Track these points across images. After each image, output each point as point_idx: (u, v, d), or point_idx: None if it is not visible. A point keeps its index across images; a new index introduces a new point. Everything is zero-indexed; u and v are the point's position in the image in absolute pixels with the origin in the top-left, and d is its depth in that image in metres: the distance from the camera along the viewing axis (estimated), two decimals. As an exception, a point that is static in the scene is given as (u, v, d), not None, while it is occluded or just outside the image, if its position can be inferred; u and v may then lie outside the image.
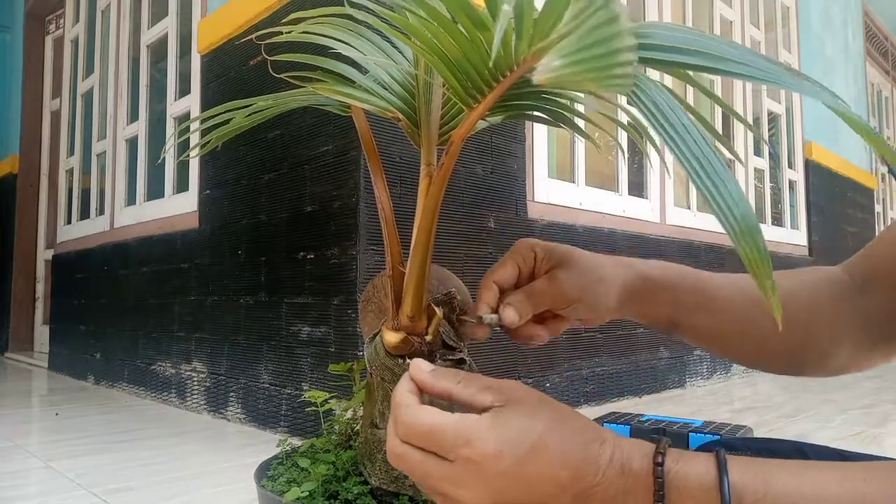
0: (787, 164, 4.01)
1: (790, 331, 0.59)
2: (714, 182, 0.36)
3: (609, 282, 0.61)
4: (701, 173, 0.36)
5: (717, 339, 0.64)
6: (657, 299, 0.62)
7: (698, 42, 0.39)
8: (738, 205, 0.35)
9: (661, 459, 0.37)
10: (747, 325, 0.62)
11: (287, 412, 1.84)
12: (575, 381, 2.28)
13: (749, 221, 0.34)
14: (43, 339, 4.10)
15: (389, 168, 1.74)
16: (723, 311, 0.63)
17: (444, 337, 0.58)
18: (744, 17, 3.68)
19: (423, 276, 0.57)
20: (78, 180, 3.56)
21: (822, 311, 0.62)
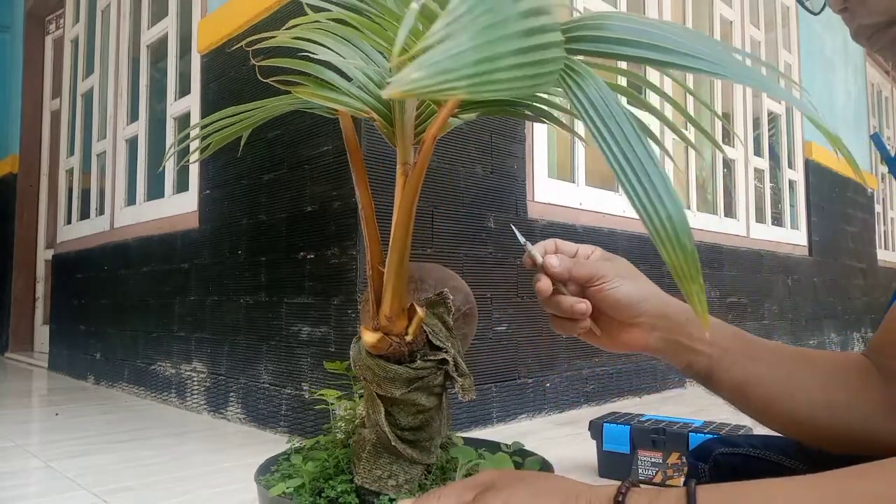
0: (787, 164, 4.01)
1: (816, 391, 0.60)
2: (640, 178, 0.34)
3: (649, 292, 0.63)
4: (626, 168, 0.34)
5: (757, 392, 0.62)
6: (696, 335, 0.62)
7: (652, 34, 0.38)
8: (664, 204, 0.33)
9: (621, 499, 0.39)
10: (792, 382, 0.61)
11: (287, 412, 1.84)
12: (575, 381, 2.28)
13: (675, 223, 0.33)
14: (43, 339, 4.10)
15: (387, 169, 1.74)
16: (770, 360, 0.62)
17: (432, 337, 0.57)
18: (744, 17, 3.68)
19: (401, 276, 0.57)
20: (78, 180, 3.56)
21: (848, 390, 0.61)
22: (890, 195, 6.36)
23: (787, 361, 0.62)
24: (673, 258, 0.32)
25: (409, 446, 0.58)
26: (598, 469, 1.50)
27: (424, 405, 0.57)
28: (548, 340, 2.18)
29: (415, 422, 0.58)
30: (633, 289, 0.61)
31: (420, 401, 0.57)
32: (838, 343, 4.29)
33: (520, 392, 2.05)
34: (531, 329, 2.11)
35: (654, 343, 0.63)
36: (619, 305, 0.61)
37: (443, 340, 0.58)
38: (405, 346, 0.55)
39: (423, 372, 0.56)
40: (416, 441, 0.58)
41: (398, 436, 0.57)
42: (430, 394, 0.57)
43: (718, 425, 1.37)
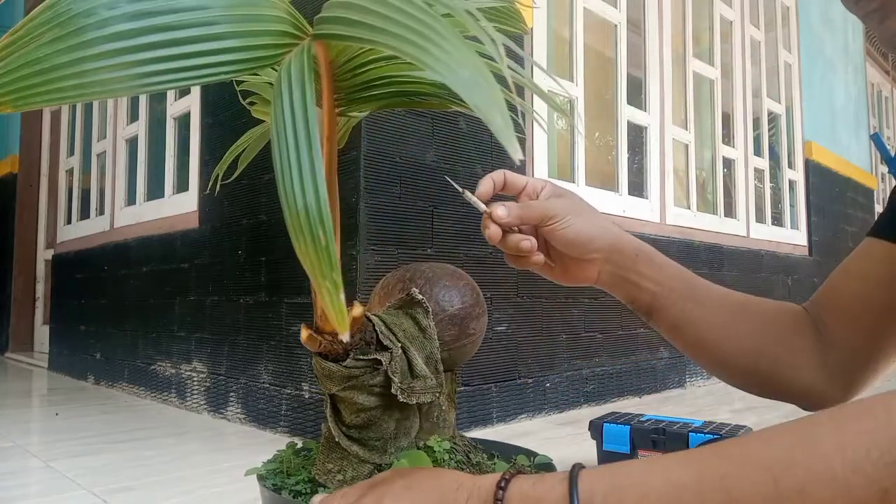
0: (787, 164, 4.01)
1: (747, 339, 0.64)
2: (291, 165, 0.33)
3: (601, 228, 0.64)
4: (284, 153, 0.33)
5: (692, 333, 0.65)
6: (643, 271, 0.65)
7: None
8: (305, 194, 0.32)
9: (503, 484, 0.39)
10: (727, 329, 0.64)
11: (287, 412, 1.84)
12: (575, 381, 2.28)
13: (311, 215, 0.31)
14: (43, 339, 4.10)
15: (389, 168, 1.74)
16: (710, 306, 0.65)
17: (381, 337, 0.57)
18: (744, 17, 3.68)
19: None
20: (78, 180, 3.56)
21: (777, 329, 0.65)
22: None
23: (727, 309, 0.66)
24: (303, 251, 0.31)
25: (356, 444, 0.58)
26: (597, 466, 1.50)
27: (363, 404, 0.57)
28: (548, 340, 2.18)
29: (357, 420, 0.58)
30: (585, 226, 0.62)
31: (357, 399, 0.57)
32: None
33: (520, 392, 2.06)
34: (531, 329, 2.11)
35: (603, 277, 0.65)
36: (571, 243, 0.62)
37: (392, 340, 0.57)
38: (338, 344, 0.55)
39: (355, 371, 0.55)
40: (363, 440, 0.58)
41: (343, 432, 0.58)
42: (370, 394, 0.57)
43: (718, 425, 1.37)
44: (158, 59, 0.33)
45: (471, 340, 0.66)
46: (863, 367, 0.62)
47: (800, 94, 4.20)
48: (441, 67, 0.30)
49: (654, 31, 2.95)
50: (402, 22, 0.32)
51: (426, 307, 0.62)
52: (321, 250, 0.30)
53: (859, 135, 5.18)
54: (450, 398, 0.65)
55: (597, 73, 2.85)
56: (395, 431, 0.58)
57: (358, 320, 0.56)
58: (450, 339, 0.64)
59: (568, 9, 2.56)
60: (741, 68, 3.62)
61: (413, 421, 0.59)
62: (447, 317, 0.64)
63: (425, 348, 0.60)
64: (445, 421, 0.63)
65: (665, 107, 2.96)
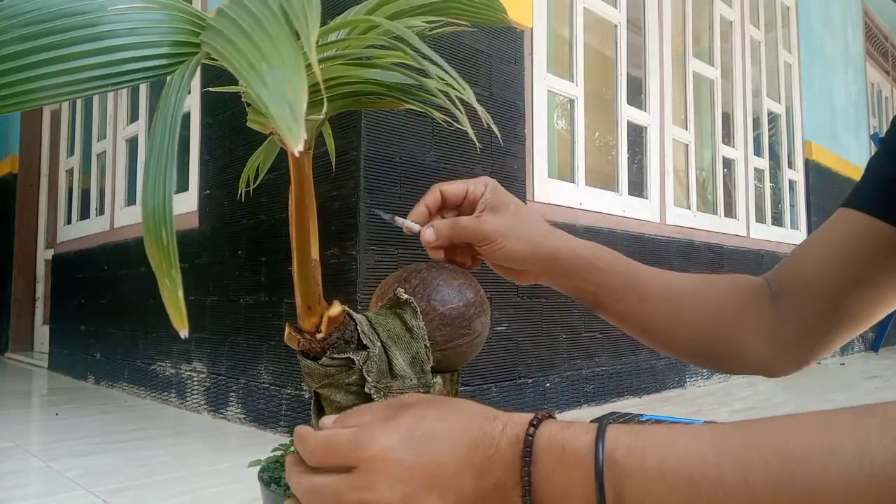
0: (787, 164, 4.01)
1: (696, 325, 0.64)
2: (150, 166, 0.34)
3: (535, 245, 0.64)
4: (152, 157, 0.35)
5: (638, 324, 0.67)
6: (584, 277, 0.65)
7: None
8: (154, 196, 0.33)
9: (535, 422, 0.40)
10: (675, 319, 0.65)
11: (287, 412, 1.84)
12: (575, 381, 2.28)
13: (157, 215, 0.32)
14: (43, 339, 4.10)
15: (389, 168, 1.74)
16: (655, 300, 0.66)
17: (362, 336, 0.58)
18: (744, 17, 3.68)
19: (304, 276, 0.58)
20: (78, 180, 3.56)
21: (728, 311, 0.65)
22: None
23: (675, 299, 0.66)
24: (150, 248, 0.32)
25: None
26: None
27: (340, 402, 0.57)
28: (548, 340, 2.18)
29: None
30: (517, 245, 0.62)
31: (335, 398, 0.57)
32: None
33: (520, 392, 2.05)
34: (531, 329, 2.11)
35: (544, 281, 0.66)
36: (506, 261, 0.63)
37: (373, 340, 0.58)
38: (316, 343, 0.56)
39: (330, 370, 0.56)
40: None
41: None
42: (347, 392, 0.57)
43: (718, 425, 1.37)
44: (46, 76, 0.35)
45: (467, 342, 0.65)
46: (818, 341, 0.62)
47: (800, 94, 4.20)
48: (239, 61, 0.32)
49: (654, 31, 2.95)
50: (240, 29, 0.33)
51: (414, 307, 0.62)
52: (163, 248, 0.32)
53: (859, 135, 5.18)
54: None
55: (597, 73, 2.85)
56: None
57: (335, 319, 0.56)
58: (442, 340, 0.63)
59: (568, 9, 2.56)
60: (741, 68, 3.62)
61: None
62: (438, 316, 0.63)
63: (411, 348, 0.60)
64: None
65: (665, 107, 2.96)
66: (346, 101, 0.52)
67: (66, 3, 0.36)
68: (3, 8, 0.35)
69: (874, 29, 6.23)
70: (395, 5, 0.51)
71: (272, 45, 0.31)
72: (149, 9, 0.39)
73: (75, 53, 0.35)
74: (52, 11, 0.35)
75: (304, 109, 0.29)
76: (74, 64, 0.35)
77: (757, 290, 0.67)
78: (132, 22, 0.37)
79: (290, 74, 0.30)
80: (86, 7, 0.36)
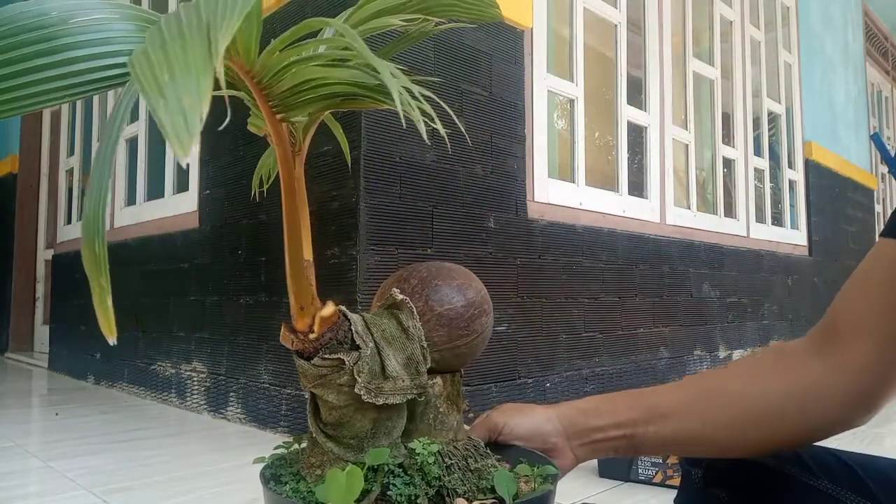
0: (787, 164, 4.01)
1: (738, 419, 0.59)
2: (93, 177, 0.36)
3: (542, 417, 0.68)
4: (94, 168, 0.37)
5: (685, 445, 0.63)
6: (600, 426, 0.66)
7: None
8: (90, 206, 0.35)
9: None
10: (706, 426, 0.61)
11: (287, 412, 1.84)
12: (575, 381, 2.28)
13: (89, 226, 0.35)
14: (43, 339, 4.10)
15: (389, 168, 1.74)
16: (675, 416, 0.63)
17: (355, 337, 0.58)
18: (744, 17, 3.68)
19: (296, 276, 0.58)
20: (78, 180, 3.56)
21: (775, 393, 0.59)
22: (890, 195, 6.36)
23: (696, 405, 0.62)
24: (85, 255, 0.35)
25: (331, 441, 0.58)
26: (597, 469, 1.50)
27: (334, 402, 0.58)
28: (548, 340, 2.18)
29: (331, 418, 0.59)
30: (528, 420, 0.68)
31: (328, 398, 0.58)
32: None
33: (520, 392, 2.05)
34: (531, 329, 2.11)
35: (581, 455, 0.67)
36: (527, 437, 0.67)
37: (365, 340, 0.58)
38: (308, 343, 0.56)
39: (322, 370, 0.56)
40: (337, 437, 0.59)
41: (320, 429, 0.59)
42: (339, 392, 0.57)
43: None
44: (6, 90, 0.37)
45: (465, 342, 0.65)
46: (884, 382, 0.57)
47: (800, 94, 4.20)
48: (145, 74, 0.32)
49: (654, 31, 2.95)
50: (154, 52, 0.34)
51: (410, 307, 0.61)
52: (96, 256, 0.35)
53: (859, 135, 5.18)
54: (450, 400, 0.64)
55: (597, 73, 2.85)
56: (374, 431, 0.58)
57: (328, 320, 0.56)
58: (439, 341, 0.63)
59: (568, 8, 2.56)
60: (741, 68, 3.62)
61: (396, 421, 0.59)
62: (435, 317, 0.63)
63: (406, 349, 0.60)
64: (443, 424, 0.63)
65: (665, 107, 2.96)
66: (327, 103, 0.52)
67: (26, 19, 0.37)
68: None
69: (874, 29, 6.23)
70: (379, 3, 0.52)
71: (183, 55, 0.32)
72: (110, 20, 0.40)
73: (35, 67, 0.36)
74: (13, 27, 0.36)
75: (201, 119, 0.30)
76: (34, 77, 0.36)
77: (793, 355, 0.61)
78: (91, 33, 0.38)
79: (191, 84, 0.31)
80: (46, 21, 0.37)
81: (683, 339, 2.83)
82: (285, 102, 0.51)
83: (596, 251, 2.41)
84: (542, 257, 2.18)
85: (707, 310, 3.00)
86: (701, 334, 2.95)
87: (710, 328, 3.01)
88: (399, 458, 0.58)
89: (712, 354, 3.02)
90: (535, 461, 0.63)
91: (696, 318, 2.91)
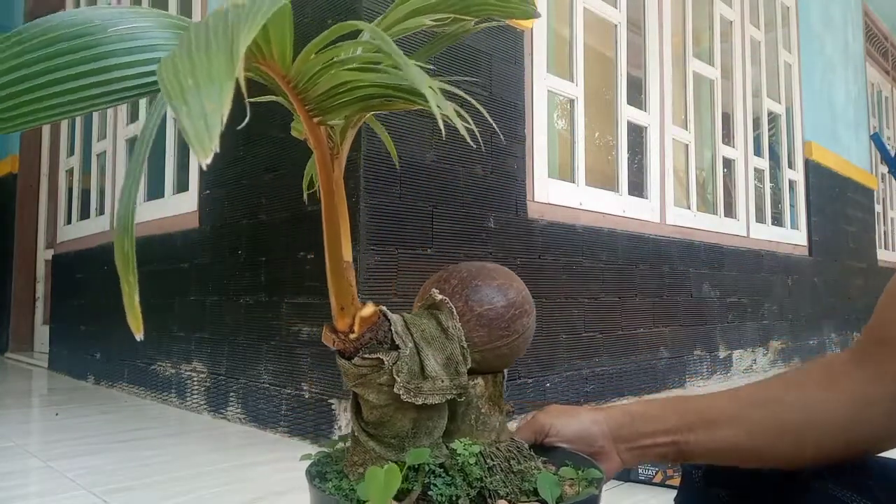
0: (787, 164, 4.01)
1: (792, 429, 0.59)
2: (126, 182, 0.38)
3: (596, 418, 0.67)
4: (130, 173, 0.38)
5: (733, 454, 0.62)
6: (647, 431, 0.65)
7: None
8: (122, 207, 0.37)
9: None
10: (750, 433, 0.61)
11: (287, 412, 1.84)
12: (575, 381, 2.28)
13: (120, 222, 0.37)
14: (43, 339, 4.10)
15: (389, 168, 1.74)
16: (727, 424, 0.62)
17: (395, 337, 0.58)
18: (744, 17, 3.68)
19: (336, 276, 0.58)
20: (78, 180, 3.56)
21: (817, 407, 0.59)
22: (890, 195, 6.37)
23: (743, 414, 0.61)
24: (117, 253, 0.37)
25: (373, 440, 0.59)
26: (598, 469, 1.49)
27: (374, 402, 0.58)
28: (548, 340, 2.18)
29: (371, 417, 0.59)
30: (576, 422, 0.67)
31: (368, 397, 0.58)
32: (838, 343, 4.29)
33: (520, 392, 2.05)
34: (531, 329, 2.11)
35: (627, 459, 0.66)
36: (573, 439, 0.67)
37: (405, 340, 0.58)
38: (349, 342, 0.56)
39: (362, 369, 0.57)
40: (379, 436, 0.59)
41: (362, 428, 0.59)
42: (379, 392, 0.58)
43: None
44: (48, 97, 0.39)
45: (506, 343, 0.65)
46: None
47: (800, 94, 4.20)
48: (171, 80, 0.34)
49: (654, 31, 2.95)
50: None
51: (449, 307, 0.62)
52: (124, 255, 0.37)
53: (859, 135, 5.18)
54: (492, 401, 0.64)
55: (597, 73, 2.85)
56: (414, 430, 0.58)
57: (367, 320, 0.57)
58: (479, 341, 0.63)
59: (568, 9, 2.56)
60: (741, 68, 3.62)
61: (437, 421, 0.59)
62: (475, 317, 0.63)
63: (445, 349, 0.60)
64: (485, 425, 0.63)
65: (665, 107, 2.96)
66: (362, 105, 0.53)
67: (69, 27, 0.38)
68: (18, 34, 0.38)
69: (874, 29, 6.23)
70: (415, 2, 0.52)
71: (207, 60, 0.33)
72: (148, 28, 0.41)
73: (76, 73, 0.38)
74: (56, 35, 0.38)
75: (222, 122, 0.31)
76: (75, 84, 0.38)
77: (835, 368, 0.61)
78: (129, 41, 0.39)
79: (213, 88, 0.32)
80: (87, 30, 0.39)
81: (683, 339, 2.83)
82: (321, 106, 0.52)
83: (596, 251, 2.41)
84: (542, 257, 2.18)
85: (707, 310, 3.00)
86: (701, 334, 2.95)
87: (710, 328, 3.01)
88: (440, 458, 0.58)
89: (712, 354, 3.02)
90: (580, 464, 0.63)
91: (696, 318, 2.91)
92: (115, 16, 0.40)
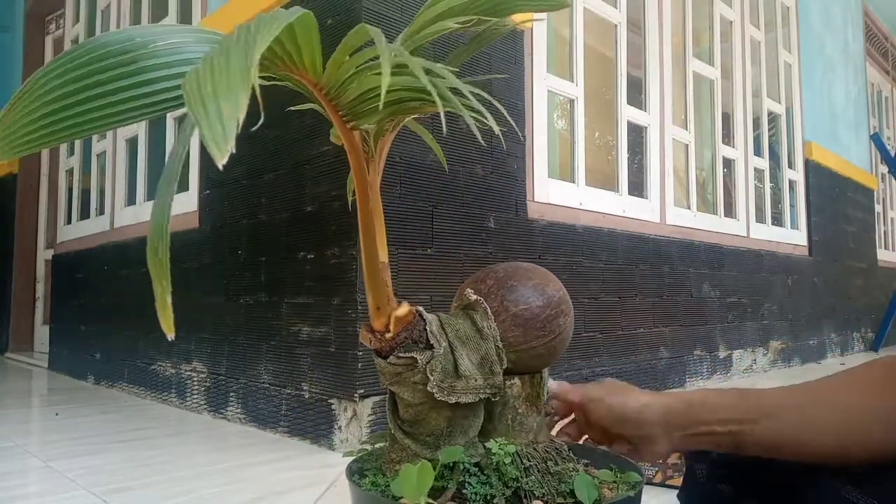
0: (787, 164, 4.01)
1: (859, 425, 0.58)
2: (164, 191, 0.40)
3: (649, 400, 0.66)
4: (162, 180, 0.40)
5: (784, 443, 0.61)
6: (705, 419, 0.63)
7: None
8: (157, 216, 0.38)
9: None
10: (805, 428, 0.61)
11: (287, 412, 1.84)
12: (575, 382, 2.27)
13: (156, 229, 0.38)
14: (43, 339, 4.10)
15: (389, 168, 1.74)
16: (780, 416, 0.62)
17: (430, 336, 0.58)
18: (744, 17, 3.68)
19: (373, 277, 0.59)
20: (78, 180, 3.55)
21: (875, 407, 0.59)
22: (890, 195, 6.36)
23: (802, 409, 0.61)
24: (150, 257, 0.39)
25: (408, 438, 0.59)
26: (598, 469, 1.49)
27: (409, 400, 0.58)
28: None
29: (407, 415, 0.59)
30: (628, 402, 0.66)
31: (403, 395, 0.58)
32: (838, 343, 4.29)
33: (520, 392, 2.05)
34: (531, 329, 2.11)
35: (679, 444, 0.65)
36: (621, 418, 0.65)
37: (439, 340, 0.58)
38: (385, 342, 0.57)
39: (397, 368, 0.57)
40: (414, 434, 0.59)
41: (398, 426, 0.59)
42: (414, 390, 0.58)
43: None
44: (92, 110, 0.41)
45: (542, 343, 0.65)
46: None
47: (800, 94, 4.20)
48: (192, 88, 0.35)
49: (654, 31, 2.95)
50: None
51: (484, 307, 0.62)
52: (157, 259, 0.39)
53: (859, 135, 5.18)
54: (529, 402, 0.64)
55: (597, 73, 2.85)
56: (449, 429, 0.58)
57: (403, 319, 0.57)
58: (515, 341, 0.63)
59: (568, 9, 2.56)
60: (741, 68, 3.62)
61: (472, 420, 0.59)
62: (510, 317, 0.63)
63: (480, 349, 0.60)
64: (522, 425, 0.62)
65: (665, 107, 2.96)
66: (392, 109, 0.54)
67: (114, 44, 0.41)
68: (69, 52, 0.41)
69: (874, 29, 6.23)
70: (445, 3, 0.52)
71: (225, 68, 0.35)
72: (186, 43, 0.43)
73: (119, 87, 0.41)
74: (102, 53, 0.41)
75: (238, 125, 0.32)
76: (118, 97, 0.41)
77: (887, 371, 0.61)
78: (167, 56, 0.42)
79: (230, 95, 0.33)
80: (130, 47, 0.41)
81: (683, 339, 2.83)
82: (353, 111, 0.53)
83: (596, 251, 2.41)
84: (542, 257, 2.18)
85: (707, 310, 3.00)
86: (701, 334, 2.95)
87: (710, 328, 3.01)
88: (475, 457, 0.58)
89: (712, 354, 3.02)
90: (622, 467, 0.63)
91: (696, 318, 2.91)
92: (156, 32, 0.42)
